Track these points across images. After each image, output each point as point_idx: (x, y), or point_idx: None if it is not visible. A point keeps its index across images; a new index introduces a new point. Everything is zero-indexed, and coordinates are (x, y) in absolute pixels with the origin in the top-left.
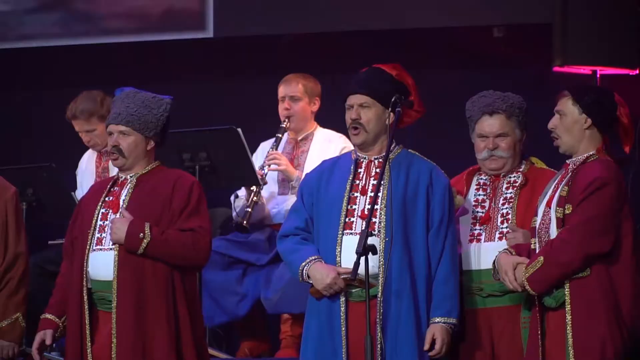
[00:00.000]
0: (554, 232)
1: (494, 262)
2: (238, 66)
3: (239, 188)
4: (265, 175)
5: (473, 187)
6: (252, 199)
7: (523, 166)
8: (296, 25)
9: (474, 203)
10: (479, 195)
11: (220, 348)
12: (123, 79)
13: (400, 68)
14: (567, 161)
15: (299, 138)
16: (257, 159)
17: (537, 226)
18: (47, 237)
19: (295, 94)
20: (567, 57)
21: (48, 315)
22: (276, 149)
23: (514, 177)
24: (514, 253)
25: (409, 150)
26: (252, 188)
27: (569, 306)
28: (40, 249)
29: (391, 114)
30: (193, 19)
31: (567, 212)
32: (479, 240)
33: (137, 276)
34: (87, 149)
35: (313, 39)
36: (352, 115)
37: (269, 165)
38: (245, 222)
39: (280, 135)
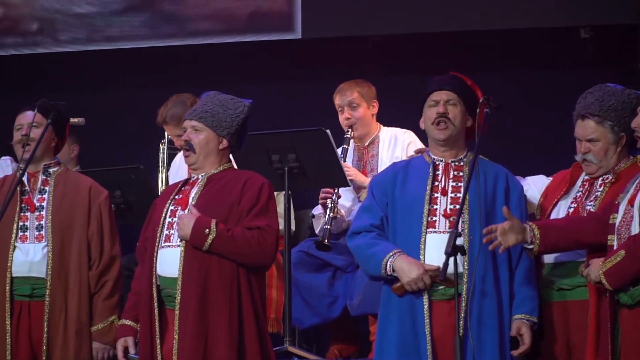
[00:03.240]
0: (635, 229)
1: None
2: (326, 67)
3: (327, 188)
4: (338, 188)
5: (579, 182)
6: (329, 215)
7: (622, 164)
8: (383, 26)
9: (572, 199)
10: (579, 191)
11: (310, 350)
12: (210, 80)
13: (471, 80)
14: None
15: (366, 143)
16: None
17: (617, 223)
18: (135, 240)
19: (352, 101)
20: None
21: (126, 321)
22: (344, 161)
23: (609, 175)
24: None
25: (480, 156)
26: (327, 204)
27: None
28: (128, 252)
29: (469, 117)
30: (281, 20)
31: None
32: None
33: (202, 273)
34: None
35: (400, 40)
36: (439, 110)
37: None
38: (326, 240)
39: (346, 147)
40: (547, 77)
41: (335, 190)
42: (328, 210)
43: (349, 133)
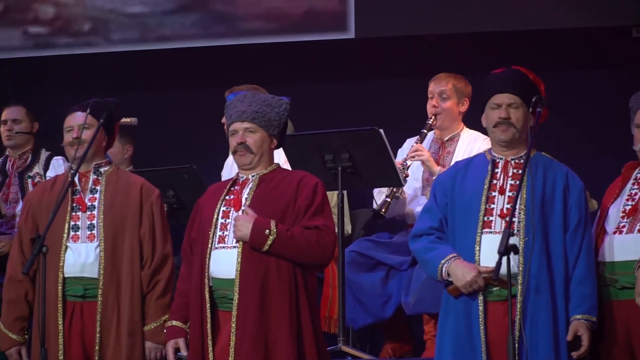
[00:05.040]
0: None
1: None
2: (379, 67)
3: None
4: (407, 167)
5: (631, 180)
6: (392, 191)
7: None
8: (437, 26)
9: (626, 197)
10: (634, 189)
11: (364, 349)
12: (261, 80)
13: (533, 73)
14: None
15: (445, 138)
16: (403, 153)
17: None
18: None
19: (444, 92)
20: None
21: (174, 323)
22: (421, 142)
23: None
24: None
25: (542, 153)
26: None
27: None
28: (180, 251)
29: (532, 117)
30: (334, 20)
31: None
32: (621, 232)
33: (260, 274)
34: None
35: (454, 40)
36: (501, 114)
37: (412, 158)
38: (383, 210)
39: (425, 131)
40: (600, 77)
41: (405, 167)
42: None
43: (431, 120)
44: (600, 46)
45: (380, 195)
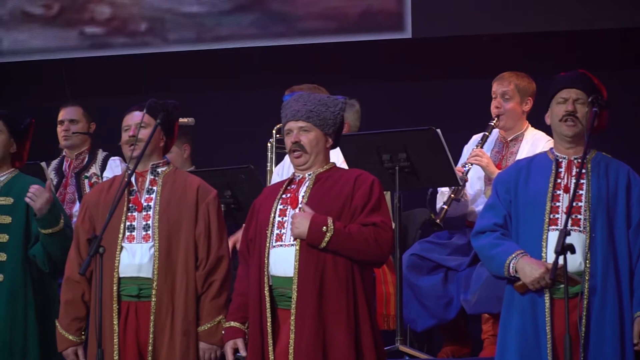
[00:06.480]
0: None
1: None
2: (436, 66)
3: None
4: (467, 172)
5: None
6: (450, 197)
7: None
8: (493, 26)
9: None
10: None
11: (422, 349)
12: (318, 80)
13: (597, 78)
14: None
15: (509, 138)
16: (469, 150)
17: None
18: None
19: (506, 92)
20: None
21: (233, 323)
22: (482, 147)
23: None
24: None
25: (603, 153)
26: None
27: None
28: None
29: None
30: (391, 20)
31: None
32: None
33: (318, 271)
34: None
35: (511, 39)
36: (567, 108)
37: (472, 163)
38: (439, 219)
39: (487, 133)
40: None
41: (465, 173)
42: (452, 192)
43: (494, 122)
44: None
45: (441, 197)
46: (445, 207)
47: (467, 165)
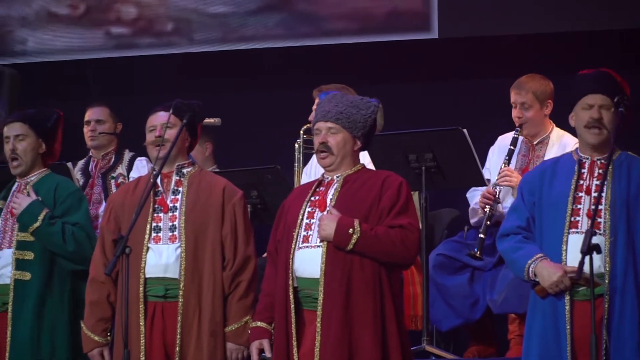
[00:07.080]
0: None
1: None
2: (462, 66)
3: (465, 189)
4: (499, 193)
5: None
6: (485, 224)
7: None
8: (520, 26)
9: None
10: None
11: (448, 349)
12: (345, 80)
13: (620, 76)
14: None
15: (535, 142)
16: (494, 152)
17: None
18: None
19: (524, 102)
20: None
21: (259, 323)
22: (508, 163)
23: None
24: None
25: (629, 152)
26: (485, 209)
27: None
28: (264, 252)
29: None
30: (417, 20)
31: None
32: None
33: (345, 273)
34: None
35: (536, 40)
36: (593, 115)
37: (501, 184)
38: (478, 252)
39: (512, 148)
40: None
41: (496, 196)
42: (485, 217)
43: (517, 133)
44: None
45: (474, 213)
46: (482, 236)
47: (497, 187)
